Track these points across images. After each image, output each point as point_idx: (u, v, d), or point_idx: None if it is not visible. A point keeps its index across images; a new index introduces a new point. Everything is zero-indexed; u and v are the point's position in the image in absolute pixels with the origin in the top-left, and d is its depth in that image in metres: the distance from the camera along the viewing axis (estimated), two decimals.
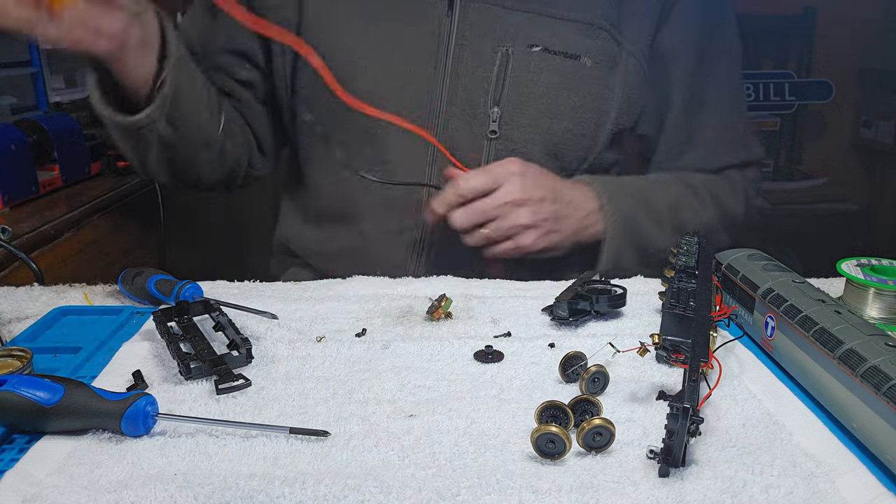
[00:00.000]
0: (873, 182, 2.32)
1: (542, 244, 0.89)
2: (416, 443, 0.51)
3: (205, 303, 0.70)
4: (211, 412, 0.56)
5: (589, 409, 0.54)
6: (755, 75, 2.21)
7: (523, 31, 0.93)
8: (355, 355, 0.65)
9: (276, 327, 0.71)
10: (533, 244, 0.89)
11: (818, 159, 2.27)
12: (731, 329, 0.68)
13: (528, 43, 0.93)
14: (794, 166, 2.27)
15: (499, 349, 0.65)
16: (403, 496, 0.45)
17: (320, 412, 0.56)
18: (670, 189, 1.00)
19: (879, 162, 2.29)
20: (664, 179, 1.02)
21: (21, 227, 1.04)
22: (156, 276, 0.77)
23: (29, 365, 0.60)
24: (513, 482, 0.46)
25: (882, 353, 0.50)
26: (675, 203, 0.99)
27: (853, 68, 2.24)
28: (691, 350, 0.53)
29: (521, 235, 0.88)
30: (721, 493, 0.45)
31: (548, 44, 0.93)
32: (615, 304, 0.72)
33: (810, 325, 0.57)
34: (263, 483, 0.46)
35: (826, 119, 2.30)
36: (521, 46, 0.93)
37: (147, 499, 0.45)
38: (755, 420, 0.54)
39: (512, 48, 0.92)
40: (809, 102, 2.24)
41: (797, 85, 2.21)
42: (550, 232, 0.90)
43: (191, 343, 0.64)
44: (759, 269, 0.68)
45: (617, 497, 0.45)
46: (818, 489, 0.46)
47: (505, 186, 0.87)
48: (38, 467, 0.49)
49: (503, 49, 0.92)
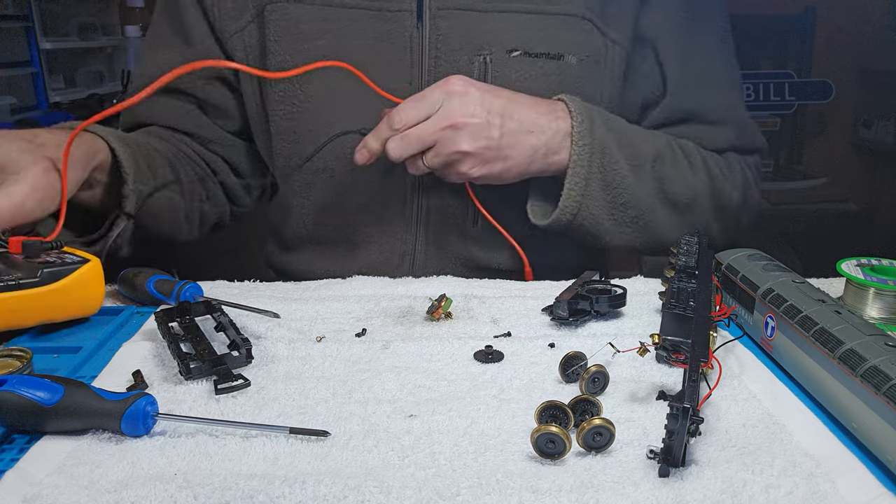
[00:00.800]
0: (873, 182, 2.32)
1: (480, 173, 0.83)
2: (416, 443, 0.51)
3: (206, 303, 0.70)
4: (211, 412, 0.56)
5: (589, 409, 0.54)
6: (755, 75, 2.21)
7: (501, 35, 0.88)
8: (355, 355, 0.65)
9: (276, 327, 0.71)
10: (470, 172, 0.82)
11: (818, 159, 2.27)
12: (731, 329, 0.68)
13: (506, 48, 0.88)
14: (794, 166, 2.27)
15: (499, 349, 0.65)
16: (403, 496, 0.45)
17: (320, 412, 0.56)
18: (659, 141, 0.92)
19: (879, 162, 2.29)
20: (655, 133, 0.94)
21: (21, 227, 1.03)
22: (155, 277, 0.77)
23: (29, 365, 0.60)
24: (513, 482, 0.46)
25: (882, 353, 0.50)
26: (660, 155, 0.91)
27: (853, 68, 2.24)
28: (691, 350, 0.53)
29: (460, 163, 0.82)
30: (721, 493, 0.45)
31: (528, 46, 0.88)
32: (615, 304, 0.73)
33: (810, 325, 0.57)
34: (263, 483, 0.46)
35: (826, 119, 2.30)
36: (500, 52, 0.88)
37: (147, 499, 0.45)
38: (755, 420, 0.54)
39: (490, 55, 0.87)
40: (809, 102, 2.24)
41: (797, 85, 2.21)
42: (494, 160, 0.82)
43: (191, 343, 0.64)
44: (759, 269, 0.68)
45: (617, 497, 0.45)
46: (818, 489, 0.46)
47: (442, 109, 0.79)
48: (38, 467, 0.49)
49: (481, 58, 0.87)
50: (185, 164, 0.98)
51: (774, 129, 2.25)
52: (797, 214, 2.10)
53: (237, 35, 0.93)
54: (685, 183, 0.92)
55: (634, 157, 0.88)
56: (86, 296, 0.71)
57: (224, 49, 0.95)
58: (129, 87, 1.03)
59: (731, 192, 0.97)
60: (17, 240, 0.72)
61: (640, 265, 1.61)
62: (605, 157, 0.86)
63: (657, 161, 0.90)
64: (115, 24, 1.72)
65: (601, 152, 0.85)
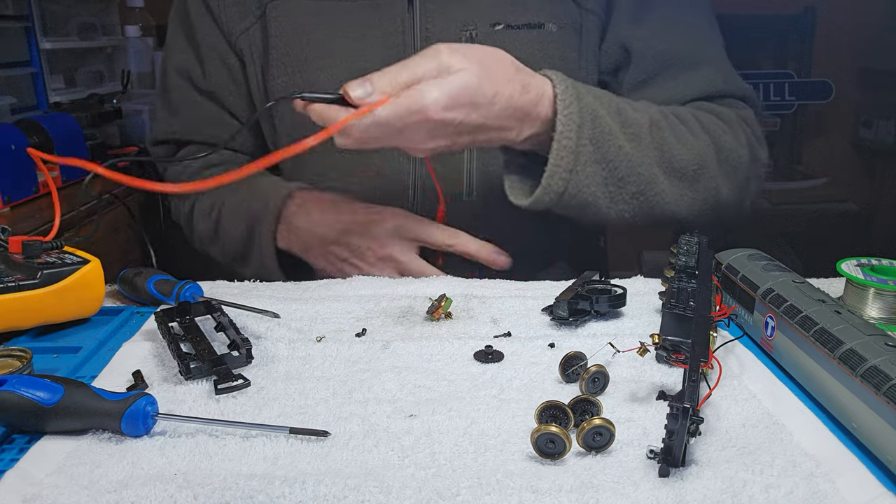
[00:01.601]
0: (873, 182, 2.32)
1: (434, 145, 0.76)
2: (416, 443, 0.51)
3: (206, 303, 0.70)
4: (211, 412, 0.56)
5: (589, 409, 0.54)
6: (755, 75, 2.21)
7: (484, 11, 0.92)
8: (355, 355, 0.65)
9: (276, 327, 0.71)
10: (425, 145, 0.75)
11: (818, 159, 2.27)
12: (731, 329, 0.68)
13: (490, 22, 0.92)
14: (794, 166, 2.27)
15: (499, 349, 0.65)
16: (403, 496, 0.45)
17: (320, 412, 0.56)
18: (650, 108, 0.87)
19: (879, 162, 2.29)
20: (641, 103, 0.88)
21: (21, 226, 1.03)
22: (155, 276, 0.77)
23: (29, 365, 0.60)
24: (513, 482, 0.46)
25: (882, 353, 0.50)
26: (655, 122, 0.85)
27: (853, 68, 2.24)
28: (691, 350, 0.53)
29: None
30: (721, 493, 0.45)
31: (509, 19, 0.92)
32: (615, 304, 0.72)
33: (810, 325, 0.57)
34: (263, 483, 0.46)
35: (826, 119, 2.30)
36: (485, 27, 0.92)
37: (147, 499, 0.45)
38: (755, 420, 0.54)
39: (475, 31, 0.92)
40: (809, 102, 2.23)
41: (797, 85, 2.21)
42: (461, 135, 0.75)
43: (191, 343, 0.64)
44: (759, 269, 0.68)
45: (617, 497, 0.45)
46: (818, 489, 0.46)
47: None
48: (38, 467, 0.49)
49: (467, 33, 0.92)
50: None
51: (774, 129, 2.24)
52: (797, 214, 2.10)
53: (243, 35, 0.99)
54: (688, 147, 0.86)
55: (629, 126, 0.82)
56: (86, 296, 0.71)
57: (233, 48, 1.01)
58: (158, 99, 1.10)
59: (738, 148, 0.91)
60: (17, 240, 0.72)
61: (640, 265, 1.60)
62: (597, 125, 0.79)
63: (653, 127, 0.84)
64: (115, 24, 1.72)
65: (592, 120, 0.79)
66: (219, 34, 1.01)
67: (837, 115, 2.28)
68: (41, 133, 1.21)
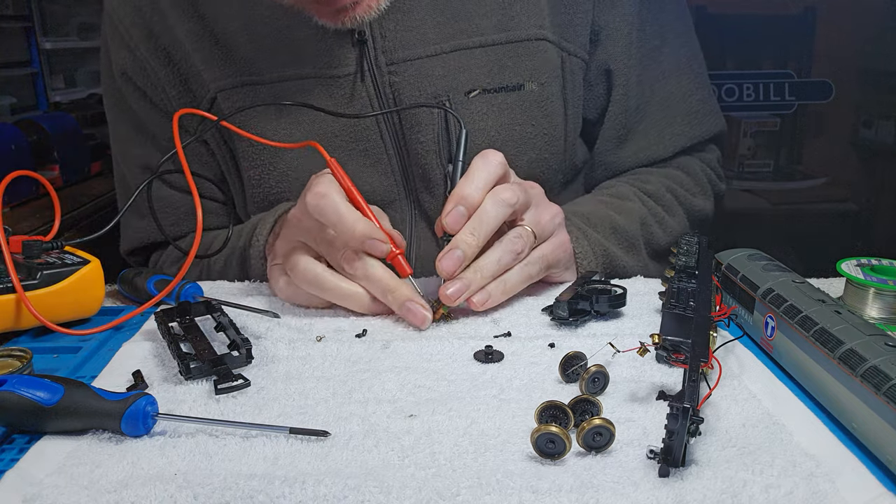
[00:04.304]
0: (873, 182, 2.32)
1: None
2: (416, 443, 0.51)
3: (206, 303, 0.70)
4: (211, 412, 0.56)
5: (589, 409, 0.54)
6: (755, 75, 2.21)
7: (456, 78, 0.85)
8: (355, 355, 0.65)
9: (276, 327, 0.71)
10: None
11: (818, 159, 2.27)
12: (731, 329, 0.68)
13: (464, 90, 0.85)
14: (794, 166, 2.27)
15: (499, 349, 0.65)
16: (403, 496, 0.45)
17: (320, 412, 0.56)
18: (636, 204, 0.91)
19: (879, 162, 2.28)
20: (623, 193, 0.92)
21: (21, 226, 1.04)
22: (155, 276, 0.77)
23: (29, 365, 0.60)
24: (513, 482, 0.46)
25: (882, 353, 0.50)
26: (644, 222, 0.90)
27: (853, 68, 2.24)
28: (691, 350, 0.53)
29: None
30: (721, 493, 0.45)
31: (485, 83, 0.85)
32: (615, 304, 0.72)
33: (810, 325, 0.57)
34: (263, 483, 0.46)
35: (826, 119, 2.30)
36: (458, 96, 0.85)
37: (147, 499, 0.45)
38: (755, 420, 0.54)
39: (448, 100, 0.85)
40: (809, 102, 2.24)
41: (797, 85, 2.21)
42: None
43: (191, 343, 0.64)
44: (759, 269, 0.68)
45: (617, 497, 0.45)
46: (818, 489, 0.46)
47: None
48: (38, 467, 0.49)
49: (440, 103, 0.85)
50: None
51: (774, 129, 2.25)
52: (797, 214, 2.10)
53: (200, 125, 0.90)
54: (669, 232, 0.93)
55: (623, 240, 0.87)
56: (86, 296, 0.71)
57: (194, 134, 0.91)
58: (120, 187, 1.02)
59: (705, 204, 0.98)
60: (18, 240, 0.71)
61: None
62: (608, 259, 0.85)
63: (643, 226, 0.90)
64: None
65: (603, 254, 0.84)
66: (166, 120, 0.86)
67: (837, 115, 2.28)
68: (41, 133, 1.21)
